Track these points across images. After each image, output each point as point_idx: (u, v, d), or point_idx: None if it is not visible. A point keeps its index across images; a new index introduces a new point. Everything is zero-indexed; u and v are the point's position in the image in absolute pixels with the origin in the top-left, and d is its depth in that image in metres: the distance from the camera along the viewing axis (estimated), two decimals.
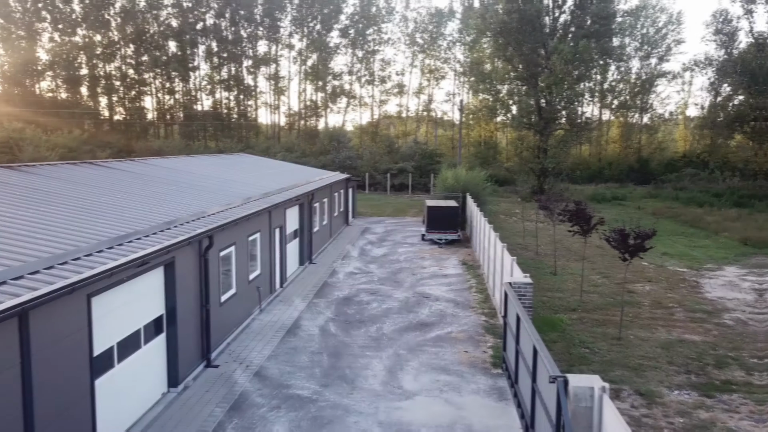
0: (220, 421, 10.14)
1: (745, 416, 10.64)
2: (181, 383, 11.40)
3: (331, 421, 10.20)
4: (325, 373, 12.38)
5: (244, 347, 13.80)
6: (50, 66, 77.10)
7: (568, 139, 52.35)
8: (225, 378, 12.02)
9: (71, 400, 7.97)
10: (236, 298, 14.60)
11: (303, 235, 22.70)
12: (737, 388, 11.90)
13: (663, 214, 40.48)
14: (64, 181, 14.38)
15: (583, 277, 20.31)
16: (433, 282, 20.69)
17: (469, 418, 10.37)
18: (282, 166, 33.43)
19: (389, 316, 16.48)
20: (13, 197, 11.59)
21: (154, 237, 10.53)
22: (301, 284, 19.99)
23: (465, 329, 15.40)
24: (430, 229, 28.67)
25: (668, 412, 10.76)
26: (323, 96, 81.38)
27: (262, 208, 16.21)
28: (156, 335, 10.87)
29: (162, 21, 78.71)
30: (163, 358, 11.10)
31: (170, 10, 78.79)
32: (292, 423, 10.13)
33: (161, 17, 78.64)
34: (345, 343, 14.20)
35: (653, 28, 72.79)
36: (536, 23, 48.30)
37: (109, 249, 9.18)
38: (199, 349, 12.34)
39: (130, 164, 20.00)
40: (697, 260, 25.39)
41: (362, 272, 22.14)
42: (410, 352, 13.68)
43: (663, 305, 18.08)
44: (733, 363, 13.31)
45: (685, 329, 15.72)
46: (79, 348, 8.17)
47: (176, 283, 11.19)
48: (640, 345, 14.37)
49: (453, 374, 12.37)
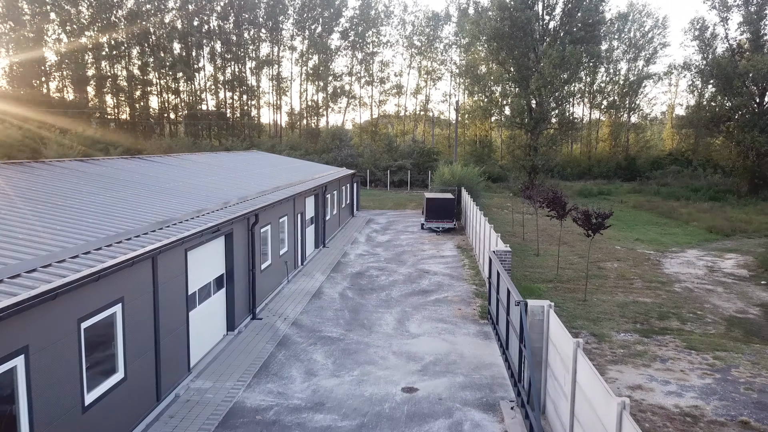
0: (271, 353, 13.36)
1: (671, 349, 13.92)
2: (236, 328, 14.60)
3: (356, 351, 13.45)
4: (348, 323, 15.62)
5: (279, 306, 17.02)
6: (58, 66, 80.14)
7: (557, 137, 55.71)
8: (269, 326, 15.24)
9: (176, 322, 11.18)
10: (271, 268, 17.81)
11: (318, 222, 25.92)
12: (671, 332, 15.20)
13: (642, 207, 43.87)
14: (135, 173, 17.55)
15: (560, 256, 23.61)
16: (431, 261, 23.94)
17: (461, 350, 13.63)
18: (293, 162, 36.62)
19: (396, 286, 19.73)
20: (118, 184, 14.75)
21: (219, 213, 13.73)
22: (318, 262, 23.22)
23: (458, 294, 18.66)
24: (428, 218, 31.89)
25: (613, 346, 14.03)
26: (324, 96, 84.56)
27: (288, 195, 19.42)
28: (219, 289, 14.07)
29: (167, 23, 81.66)
30: (223, 308, 14.31)
31: (175, 13, 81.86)
32: (327, 353, 13.37)
33: (167, 20, 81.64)
34: (361, 304, 17.45)
35: (639, 32, 76.22)
36: (527, 29, 51.56)
37: (193, 219, 12.39)
38: (247, 304, 15.54)
39: (174, 159, 23.16)
40: (664, 245, 28.72)
41: (370, 254, 25.38)
42: (414, 309, 16.94)
43: (626, 278, 21.38)
44: (672, 317, 16.61)
45: (639, 294, 19.02)
46: (180, 286, 11.38)
47: (234, 249, 14.39)
48: (601, 305, 17.65)
49: (449, 323, 15.63)
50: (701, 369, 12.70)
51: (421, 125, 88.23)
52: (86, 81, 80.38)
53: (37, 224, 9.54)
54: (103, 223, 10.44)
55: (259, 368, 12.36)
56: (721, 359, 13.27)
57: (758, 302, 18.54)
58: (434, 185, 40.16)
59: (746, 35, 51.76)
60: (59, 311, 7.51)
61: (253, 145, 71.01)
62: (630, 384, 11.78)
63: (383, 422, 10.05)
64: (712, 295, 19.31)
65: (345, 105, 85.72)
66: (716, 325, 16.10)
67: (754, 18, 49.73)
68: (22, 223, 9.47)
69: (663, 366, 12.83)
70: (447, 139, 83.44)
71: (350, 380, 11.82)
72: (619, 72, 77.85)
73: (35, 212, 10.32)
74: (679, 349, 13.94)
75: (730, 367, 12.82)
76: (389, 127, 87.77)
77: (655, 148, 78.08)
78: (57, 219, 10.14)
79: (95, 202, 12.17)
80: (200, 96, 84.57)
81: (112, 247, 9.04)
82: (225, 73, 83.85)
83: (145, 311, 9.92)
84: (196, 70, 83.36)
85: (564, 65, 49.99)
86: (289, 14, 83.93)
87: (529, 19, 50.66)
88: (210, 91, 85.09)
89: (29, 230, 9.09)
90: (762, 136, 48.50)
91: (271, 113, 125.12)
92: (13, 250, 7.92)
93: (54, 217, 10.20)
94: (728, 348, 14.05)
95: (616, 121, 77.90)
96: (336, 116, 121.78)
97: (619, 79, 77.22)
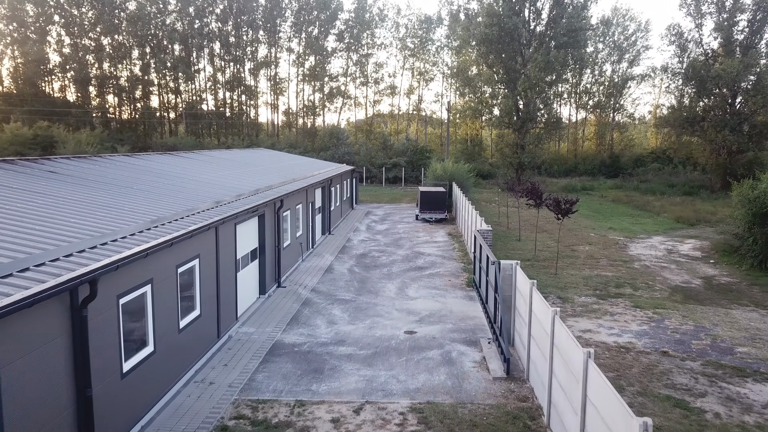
0: (298, 309, 16.54)
1: (620, 307, 17.22)
2: (266, 293, 17.76)
3: (366, 309, 16.65)
4: (357, 290, 18.82)
5: (298, 278, 20.19)
6: (61, 67, 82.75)
7: (543, 136, 59.14)
8: (292, 292, 18.42)
9: (229, 279, 14.34)
10: (290, 247, 20.97)
11: (324, 211, 29.09)
12: (623, 296, 18.51)
13: (620, 201, 47.32)
14: (176, 166, 20.65)
15: (538, 241, 26.90)
16: (426, 245, 27.17)
17: (450, 307, 16.88)
18: (299, 158, 39.73)
19: (395, 264, 22.94)
20: (166, 176, 17.84)
21: (253, 198, 16.87)
22: (326, 246, 26.39)
23: (449, 270, 21.90)
24: (422, 209, 35.11)
25: (574, 306, 17.31)
26: (321, 96, 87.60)
27: (302, 186, 22.57)
28: (253, 260, 17.21)
29: (168, 25, 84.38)
30: (256, 275, 17.45)
31: (176, 15, 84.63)
32: (343, 309, 16.57)
33: (168, 22, 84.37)
34: (367, 277, 20.65)
35: (623, 35, 79.82)
36: (514, 34, 54.90)
37: (235, 201, 15.54)
38: (274, 274, 18.70)
39: (198, 155, 26.24)
40: (634, 232, 32.11)
41: (371, 240, 28.58)
42: (412, 280, 20.16)
43: (594, 258, 24.71)
44: (627, 286, 19.93)
45: (603, 270, 22.34)
46: (232, 252, 14.53)
47: (265, 228, 17.55)
48: (569, 277, 20.94)
49: (440, 290, 18.87)
50: (641, 320, 16.01)
51: (414, 124, 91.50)
52: (88, 81, 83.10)
53: (144, 202, 12.70)
54: (178, 203, 13.58)
55: (290, 319, 15.55)
56: (658, 314, 16.59)
57: (702, 276, 21.90)
58: (427, 180, 43.37)
59: (719, 40, 55.34)
60: (168, 258, 10.67)
61: (252, 143, 74.02)
62: (582, 329, 15.05)
63: (391, 351, 13.26)
64: (665, 270, 22.66)
65: (341, 105, 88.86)
66: (662, 291, 19.42)
67: (725, 25, 53.29)
68: (127, 201, 12.62)
69: (611, 318, 16.13)
70: (439, 138, 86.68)
71: (363, 327, 15.03)
72: (604, 73, 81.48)
73: (131, 195, 13.46)
74: (627, 307, 17.25)
75: (664, 319, 16.14)
76: (383, 126, 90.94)
77: (639, 147, 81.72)
78: (152, 199, 13.28)
79: (163, 188, 15.30)
80: (201, 96, 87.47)
81: (189, 218, 12.19)
82: (224, 74, 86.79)
83: (212, 267, 13.07)
84: (196, 71, 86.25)
85: (549, 68, 53.39)
86: (286, 17, 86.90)
87: (516, 25, 53.98)
88: (210, 91, 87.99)
89: (140, 205, 12.24)
90: (732, 136, 52.11)
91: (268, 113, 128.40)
92: (140, 215, 11.06)
93: (149, 198, 13.34)
94: (667, 307, 17.38)
95: (601, 120, 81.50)
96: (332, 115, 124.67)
97: (604, 80, 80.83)
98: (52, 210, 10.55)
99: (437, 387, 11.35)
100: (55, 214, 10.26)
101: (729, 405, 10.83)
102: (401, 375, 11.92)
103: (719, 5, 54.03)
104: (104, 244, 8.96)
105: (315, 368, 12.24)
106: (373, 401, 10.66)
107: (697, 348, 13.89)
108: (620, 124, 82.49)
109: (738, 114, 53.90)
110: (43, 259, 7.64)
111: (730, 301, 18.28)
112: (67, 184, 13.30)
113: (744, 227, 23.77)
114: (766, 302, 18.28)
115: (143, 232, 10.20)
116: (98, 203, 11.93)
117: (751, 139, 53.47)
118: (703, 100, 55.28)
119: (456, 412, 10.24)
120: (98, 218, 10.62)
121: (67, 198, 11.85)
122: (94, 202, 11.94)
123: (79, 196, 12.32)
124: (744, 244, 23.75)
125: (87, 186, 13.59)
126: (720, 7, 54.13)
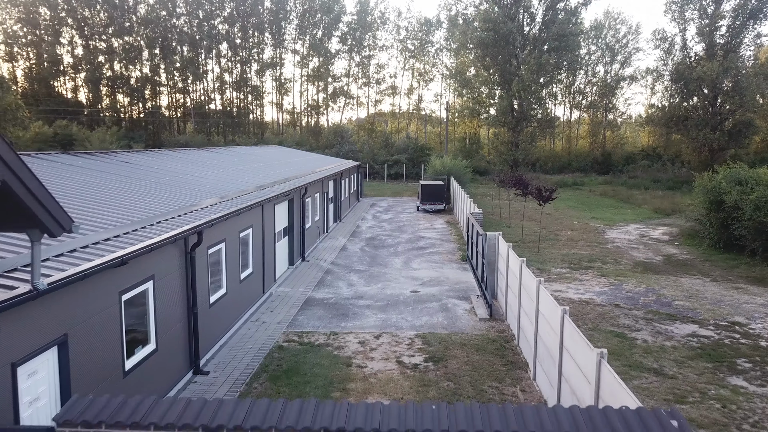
0: (322, 276, 20.07)
1: (588, 276, 20.76)
2: (294, 264, 21.29)
3: (378, 276, 20.20)
4: (369, 263, 22.35)
5: (318, 255, 23.72)
6: (74, 68, 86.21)
7: (536, 134, 62.70)
8: (315, 264, 21.94)
9: (270, 247, 17.86)
10: (311, 229, 24.51)
11: (336, 201, 32.61)
12: (592, 268, 22.04)
13: (607, 194, 50.88)
14: (214, 158, 24.15)
15: (526, 227, 30.42)
16: (426, 231, 30.70)
17: (447, 275, 20.42)
18: (310, 154, 43.24)
19: (400, 245, 26.48)
20: (211, 166, 21.31)
21: (284, 185, 20.39)
22: (339, 231, 29.92)
23: (446, 250, 25.43)
24: (423, 201, 38.63)
25: (550, 275, 20.83)
26: (324, 96, 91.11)
27: (320, 177, 26.07)
28: (284, 236, 20.73)
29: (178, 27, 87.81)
30: (287, 249, 20.97)
31: (186, 18, 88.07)
32: (359, 276, 20.10)
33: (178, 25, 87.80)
34: (376, 254, 24.19)
35: (615, 38, 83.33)
36: (509, 39, 58.44)
37: (271, 186, 19.06)
38: (300, 249, 22.22)
39: (223, 150, 29.71)
40: (614, 221, 35.65)
41: (377, 226, 32.11)
42: (415, 256, 23.70)
43: (573, 240, 28.25)
44: (598, 261, 23.46)
45: (579, 249, 25.88)
46: (271, 226, 18.06)
47: (293, 210, 21.07)
48: (549, 254, 24.47)
49: (439, 263, 22.40)
50: (603, 284, 19.56)
51: (414, 123, 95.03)
52: (100, 81, 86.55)
53: (203, 186, 16.23)
54: (231, 186, 17.10)
55: (317, 283, 19.09)
56: (618, 280, 20.13)
57: (664, 254, 25.45)
58: (427, 175, 46.88)
59: (701, 45, 58.90)
60: (234, 225, 14.17)
61: (259, 141, 77.55)
62: (554, 290, 18.59)
63: (400, 303, 16.80)
64: (634, 250, 26.21)
65: (343, 104, 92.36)
66: (627, 265, 22.96)
67: (707, 30, 56.83)
68: (193, 184, 16.14)
69: (579, 283, 19.68)
70: (438, 136, 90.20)
71: (377, 288, 18.57)
72: (597, 74, 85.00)
73: (192, 181, 16.99)
74: (593, 276, 20.80)
75: (622, 284, 19.69)
76: (384, 125, 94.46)
77: (630, 145, 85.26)
78: (207, 183, 16.80)
79: (214, 175, 18.82)
80: (210, 96, 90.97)
81: (243, 197, 15.71)
82: (232, 75, 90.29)
83: (259, 236, 16.60)
84: (204, 71, 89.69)
85: (540, 71, 56.92)
86: (291, 20, 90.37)
87: (510, 31, 57.52)
88: (218, 90, 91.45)
89: (204, 187, 15.76)
90: (713, 134, 55.70)
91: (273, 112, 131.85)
92: (207, 194, 14.58)
93: (204, 184, 16.86)
94: (627, 275, 20.93)
95: (594, 119, 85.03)
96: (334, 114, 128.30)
97: (597, 81, 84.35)
98: (148, 189, 14.06)
99: (436, 324, 14.89)
100: (152, 191, 13.77)
101: (656, 336, 14.37)
102: (408, 317, 15.46)
103: (701, 12, 57.58)
104: (192, 212, 12.45)
105: (342, 313, 15.77)
106: (388, 332, 14.20)
107: (643, 302, 17.44)
108: (612, 123, 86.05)
109: (718, 114, 57.47)
110: (160, 219, 11.12)
111: (681, 272, 21.84)
112: (143, 171, 16.81)
113: (703, 213, 27.31)
114: (711, 273, 21.84)
115: (214, 206, 13.70)
116: (174, 184, 15.44)
117: (731, 137, 57.02)
118: (687, 100, 58.84)
119: (450, 338, 13.78)
120: (181, 195, 14.13)
121: (152, 180, 15.36)
122: (172, 184, 15.45)
123: (159, 179, 15.83)
124: (703, 228, 27.30)
125: (158, 172, 17.10)
126: (702, 13, 57.68)
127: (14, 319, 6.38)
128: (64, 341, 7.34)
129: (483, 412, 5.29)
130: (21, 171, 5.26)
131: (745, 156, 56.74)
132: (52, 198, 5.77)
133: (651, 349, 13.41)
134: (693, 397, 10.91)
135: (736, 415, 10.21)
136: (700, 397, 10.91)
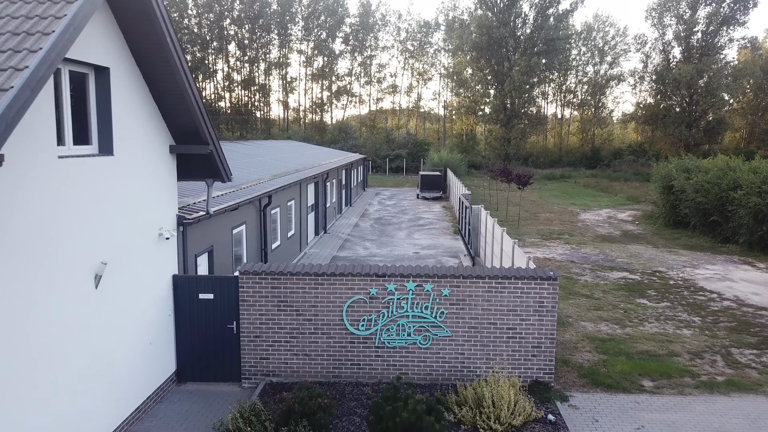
0: (342, 243, 25.16)
1: (556, 244, 25.85)
2: (319, 234, 26.37)
3: (386, 243, 25.31)
4: (378, 235, 27.45)
5: (337, 229, 28.81)
6: None
7: (526, 131, 67.80)
8: (335, 235, 27.03)
9: (305, 218, 22.93)
10: (330, 207, 29.58)
11: (347, 188, 37.69)
12: (560, 239, 27.14)
13: (589, 185, 55.99)
14: (249, 149, 29.16)
15: (509, 210, 35.57)
16: (425, 213, 35.80)
17: (442, 242, 25.53)
18: (321, 148, 48.30)
19: (403, 223, 31.58)
20: (263, 156, 26.32)
21: (311, 170, 25.43)
22: (350, 213, 35.01)
23: (442, 227, 30.52)
24: (422, 189, 43.68)
25: (525, 243, 25.91)
26: (328, 94, 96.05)
27: (335, 166, 31.11)
28: (312, 212, 25.78)
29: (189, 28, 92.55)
30: (314, 221, 26.04)
31: (195, 20, 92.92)
32: (371, 243, 25.20)
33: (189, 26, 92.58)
34: (384, 229, 29.29)
35: (603, 39, 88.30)
36: (502, 43, 63.47)
37: (305, 170, 24.12)
38: (323, 223, 27.29)
39: (253, 143, 34.73)
40: (589, 206, 40.75)
41: (383, 210, 37.20)
42: (415, 231, 28.80)
43: (550, 220, 33.36)
44: (566, 234, 28.56)
45: (553, 226, 30.98)
46: (306, 202, 23.13)
47: (318, 191, 26.14)
48: (527, 229, 29.56)
49: (435, 235, 27.51)
50: (565, 249, 24.65)
51: (414, 120, 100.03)
52: None
53: (256, 168, 21.34)
54: (277, 169, 22.19)
55: (339, 246, 24.18)
56: (578, 247, 25.24)
57: (623, 230, 30.55)
58: (426, 167, 51.95)
59: (678, 48, 63.97)
60: (282, 196, 19.23)
61: (270, 137, 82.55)
62: (524, 251, 23.64)
63: (405, 259, 21.90)
64: (599, 227, 31.30)
65: (346, 102, 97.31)
66: (589, 237, 28.06)
67: (683, 35, 61.89)
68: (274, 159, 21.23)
69: (546, 248, 24.78)
70: (437, 132, 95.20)
71: (386, 250, 23.66)
72: (587, 74, 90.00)
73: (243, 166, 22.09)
74: (559, 244, 25.91)
75: (581, 248, 24.79)
76: (384, 122, 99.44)
77: (618, 141, 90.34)
78: (256, 166, 21.89)
79: (261, 160, 23.92)
80: (219, 93, 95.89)
81: (286, 177, 20.75)
82: (241, 73, 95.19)
83: (298, 207, 21.67)
84: (214, 71, 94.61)
85: (531, 72, 61.98)
86: (297, 21, 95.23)
87: (503, 35, 62.55)
88: (226, 89, 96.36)
89: (258, 167, 20.86)
90: (688, 131, 60.80)
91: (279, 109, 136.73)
92: (264, 172, 19.67)
93: (255, 166, 21.95)
94: (587, 243, 26.04)
95: (584, 117, 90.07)
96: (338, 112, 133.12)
97: (587, 80, 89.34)
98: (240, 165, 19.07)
99: None
100: (241, 168, 18.78)
101: (595, 278, 19.47)
102: None
103: (679, 18, 62.62)
104: (250, 186, 17.45)
105: None
106: None
107: (593, 260, 22.55)
108: (601, 120, 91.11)
109: (695, 112, 62.60)
110: (246, 184, 16.14)
111: (632, 242, 26.96)
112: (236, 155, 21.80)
113: (658, 197, 32.42)
114: (656, 243, 26.96)
115: (270, 181, 18.73)
116: (239, 165, 20.46)
117: (705, 133, 62.17)
118: (666, 100, 63.97)
119: None
120: (249, 171, 19.19)
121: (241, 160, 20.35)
122: (240, 162, 20.47)
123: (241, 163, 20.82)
124: (657, 209, 32.41)
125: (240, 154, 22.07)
126: (679, 19, 62.72)
127: (195, 230, 11.45)
128: (212, 250, 12.41)
129: (446, 268, 10.40)
130: (217, 144, 10.31)
131: (721, 151, 61.93)
132: (226, 161, 10.82)
133: (588, 285, 18.52)
134: (606, 308, 16.04)
135: (631, 315, 15.34)
136: (612, 308, 16.04)
